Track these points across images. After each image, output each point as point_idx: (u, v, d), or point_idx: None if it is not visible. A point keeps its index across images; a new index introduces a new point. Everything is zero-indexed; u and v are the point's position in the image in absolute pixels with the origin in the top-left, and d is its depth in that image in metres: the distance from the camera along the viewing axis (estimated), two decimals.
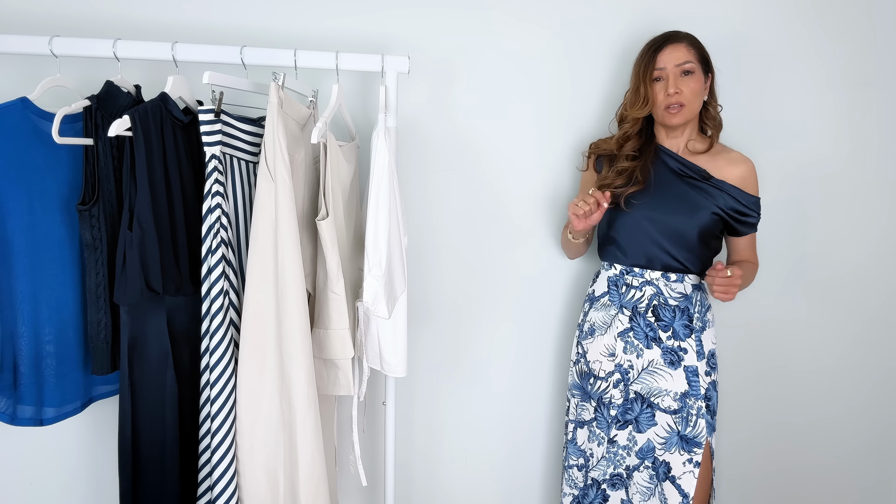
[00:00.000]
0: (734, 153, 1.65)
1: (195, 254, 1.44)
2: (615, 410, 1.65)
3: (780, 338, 2.03)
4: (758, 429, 2.08)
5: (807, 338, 2.04)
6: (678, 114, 1.57)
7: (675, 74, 1.57)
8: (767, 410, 2.07)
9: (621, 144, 1.68)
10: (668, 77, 1.57)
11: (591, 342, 1.70)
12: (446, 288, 1.94)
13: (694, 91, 1.57)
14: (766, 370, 2.05)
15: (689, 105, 1.57)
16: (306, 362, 1.37)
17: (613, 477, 1.68)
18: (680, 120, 1.59)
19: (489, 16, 1.83)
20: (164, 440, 1.43)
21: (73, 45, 1.44)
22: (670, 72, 1.57)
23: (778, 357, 2.04)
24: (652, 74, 1.59)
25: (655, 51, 1.59)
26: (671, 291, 1.61)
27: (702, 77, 1.59)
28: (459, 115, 1.86)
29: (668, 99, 1.57)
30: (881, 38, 1.91)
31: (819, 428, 2.09)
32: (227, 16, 1.73)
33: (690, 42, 1.58)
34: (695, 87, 1.57)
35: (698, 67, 1.57)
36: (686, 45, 1.57)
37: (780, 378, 2.06)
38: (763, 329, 2.02)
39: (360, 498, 2.00)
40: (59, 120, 1.37)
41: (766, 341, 2.03)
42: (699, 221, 1.58)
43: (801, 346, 2.04)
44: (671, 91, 1.56)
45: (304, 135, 1.49)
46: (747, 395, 2.05)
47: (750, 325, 2.02)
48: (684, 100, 1.56)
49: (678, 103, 1.56)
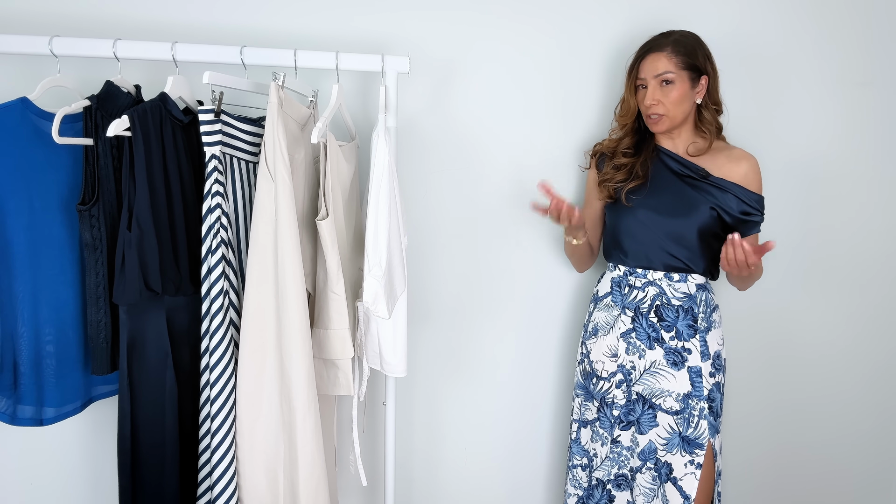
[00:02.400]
0: (736, 150, 1.64)
1: (195, 254, 1.44)
2: (618, 411, 1.65)
3: (783, 335, 2.03)
4: (760, 427, 2.08)
5: (811, 334, 2.04)
6: (658, 122, 1.60)
7: (655, 85, 1.58)
8: (771, 409, 2.07)
9: (619, 140, 1.71)
10: (648, 86, 1.59)
11: (595, 342, 1.70)
12: (446, 288, 1.94)
13: (674, 100, 1.57)
14: (771, 368, 2.05)
15: (668, 114, 1.58)
16: (306, 362, 1.37)
17: (618, 477, 1.68)
18: (662, 128, 1.61)
19: (489, 16, 1.83)
20: (164, 440, 1.43)
21: (73, 45, 1.44)
22: (650, 81, 1.58)
23: (782, 354, 2.04)
24: (635, 83, 1.63)
25: (638, 59, 1.61)
26: (674, 291, 1.61)
27: (686, 85, 1.57)
28: (459, 114, 1.86)
29: (646, 109, 1.60)
30: (883, 37, 1.91)
31: (822, 426, 2.09)
32: (228, 16, 1.73)
33: (674, 50, 1.56)
34: (675, 97, 1.57)
35: (681, 75, 1.56)
36: (668, 54, 1.56)
37: (784, 376, 2.06)
38: (767, 326, 2.02)
39: (360, 498, 2.00)
40: (59, 120, 1.37)
41: (770, 339, 2.03)
42: (698, 220, 1.58)
43: (805, 343, 2.04)
44: (647, 102, 1.58)
45: (304, 135, 1.49)
46: (750, 394, 2.05)
47: (753, 323, 2.02)
48: (662, 110, 1.58)
49: (657, 113, 1.58)
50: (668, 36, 1.59)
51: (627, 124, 1.68)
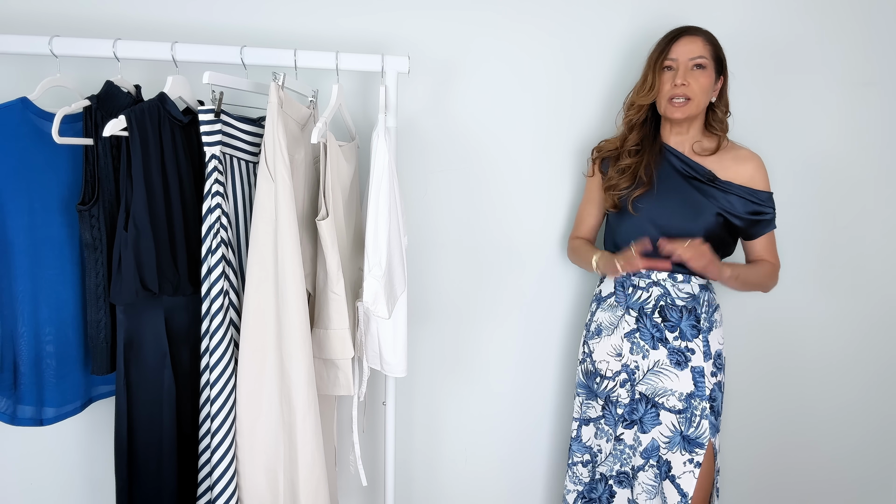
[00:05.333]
0: (742, 150, 1.63)
1: (194, 254, 1.44)
2: (622, 409, 1.66)
3: (784, 334, 2.03)
4: (760, 427, 2.08)
5: (811, 334, 2.04)
6: (682, 107, 1.56)
7: (687, 67, 1.55)
8: (770, 409, 2.07)
9: (625, 137, 1.68)
10: (679, 68, 1.56)
11: (598, 342, 1.70)
12: (446, 288, 1.94)
13: (703, 86, 1.55)
14: (771, 367, 2.05)
15: (694, 99, 1.55)
16: (306, 362, 1.37)
17: (620, 474, 1.69)
18: (682, 114, 1.57)
19: (489, 16, 1.83)
20: (162, 440, 1.43)
21: (73, 45, 1.44)
22: (682, 63, 1.55)
23: (782, 354, 2.04)
24: (663, 63, 1.58)
25: (671, 40, 1.58)
26: (678, 292, 1.61)
27: (713, 75, 1.57)
28: (459, 114, 1.86)
29: (674, 90, 1.55)
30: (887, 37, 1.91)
31: (822, 426, 2.09)
32: (227, 16, 1.73)
33: (707, 38, 1.57)
34: (704, 83, 1.55)
35: (711, 64, 1.56)
36: (703, 40, 1.56)
37: (784, 376, 2.06)
38: (767, 326, 2.02)
39: (360, 498, 2.00)
40: (59, 120, 1.37)
41: (771, 338, 2.03)
42: (704, 224, 1.57)
43: (806, 342, 2.05)
44: (678, 82, 1.54)
45: (304, 135, 1.49)
46: (750, 394, 2.05)
47: (754, 323, 2.02)
48: (690, 93, 1.55)
49: (684, 95, 1.55)
50: (699, 28, 1.59)
51: (643, 108, 1.63)
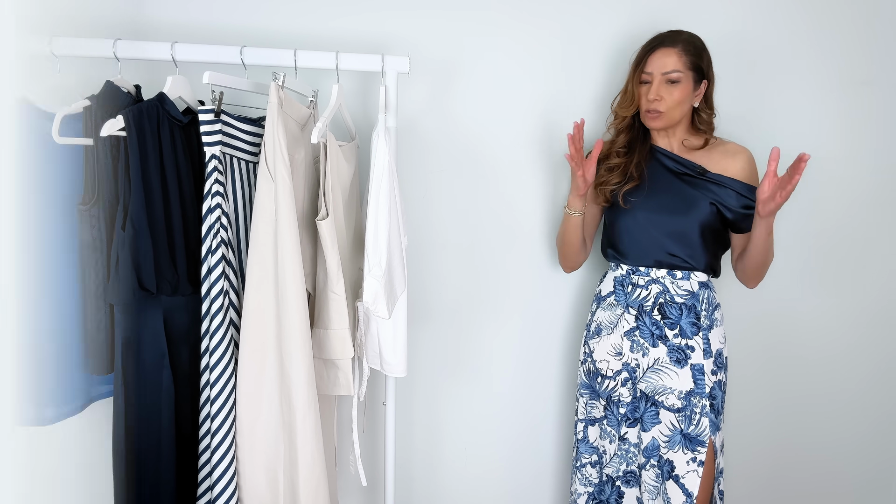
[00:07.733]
0: (730, 144, 1.65)
1: (193, 254, 1.44)
2: (624, 408, 1.66)
3: (784, 334, 2.03)
4: (761, 426, 2.08)
5: (811, 334, 2.04)
6: (656, 119, 1.60)
7: (660, 81, 1.57)
8: (772, 408, 2.07)
9: (613, 140, 1.71)
10: (653, 81, 1.58)
11: (598, 342, 1.70)
12: (446, 288, 1.94)
13: (676, 100, 1.57)
14: (772, 367, 2.05)
15: (667, 113, 1.58)
16: (306, 362, 1.37)
17: (627, 474, 1.69)
18: (658, 125, 1.61)
19: (489, 16, 1.83)
20: (160, 441, 1.42)
21: (73, 45, 1.44)
22: (655, 77, 1.57)
23: (783, 353, 2.04)
24: (640, 77, 1.61)
25: (647, 52, 1.60)
26: (677, 289, 1.61)
27: (689, 85, 1.57)
28: (459, 114, 1.86)
29: (648, 104, 1.59)
30: (884, 36, 1.91)
31: (822, 425, 2.09)
32: (227, 16, 1.73)
33: (685, 48, 1.56)
34: (678, 97, 1.57)
35: (687, 75, 1.56)
36: (678, 52, 1.56)
37: (785, 375, 2.06)
38: (767, 325, 2.02)
39: (360, 498, 2.00)
40: (59, 120, 1.37)
41: (771, 338, 2.03)
42: (699, 217, 1.58)
43: (806, 342, 2.04)
44: (651, 97, 1.58)
45: (304, 135, 1.49)
46: (751, 393, 2.05)
47: (754, 322, 2.02)
48: (663, 107, 1.57)
49: (657, 110, 1.58)
50: (679, 34, 1.59)
51: (626, 118, 1.66)
